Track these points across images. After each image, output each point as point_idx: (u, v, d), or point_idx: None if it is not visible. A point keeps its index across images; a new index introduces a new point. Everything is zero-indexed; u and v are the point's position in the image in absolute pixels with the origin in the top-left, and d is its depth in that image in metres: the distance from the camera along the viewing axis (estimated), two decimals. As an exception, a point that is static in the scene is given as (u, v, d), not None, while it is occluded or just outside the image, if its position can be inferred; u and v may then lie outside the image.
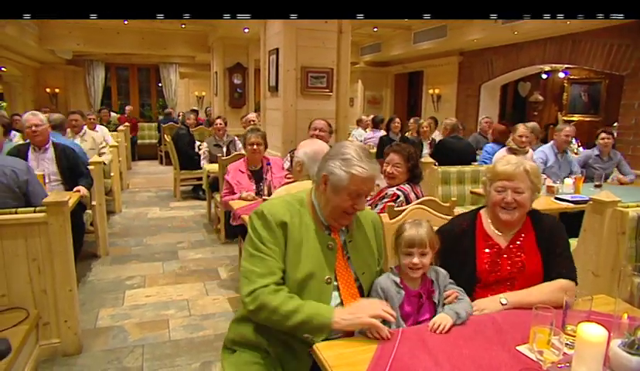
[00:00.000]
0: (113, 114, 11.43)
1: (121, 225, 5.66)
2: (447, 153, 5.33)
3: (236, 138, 6.44)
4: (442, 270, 1.71)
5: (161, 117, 11.45)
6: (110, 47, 9.96)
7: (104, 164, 4.56)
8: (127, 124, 9.74)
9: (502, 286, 1.76)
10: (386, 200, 2.80)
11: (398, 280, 1.65)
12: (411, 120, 7.93)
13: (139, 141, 11.48)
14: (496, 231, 1.85)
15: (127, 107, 11.59)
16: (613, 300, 1.71)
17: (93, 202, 4.30)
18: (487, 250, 1.82)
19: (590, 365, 1.22)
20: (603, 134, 4.92)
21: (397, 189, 2.85)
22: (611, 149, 4.95)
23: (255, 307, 1.49)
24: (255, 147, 3.88)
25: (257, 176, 3.93)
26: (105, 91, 12.35)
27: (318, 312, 1.46)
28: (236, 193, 3.74)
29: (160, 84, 12.93)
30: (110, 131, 7.46)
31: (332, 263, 1.62)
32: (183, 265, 4.35)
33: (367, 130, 8.73)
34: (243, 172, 3.90)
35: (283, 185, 2.92)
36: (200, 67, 12.49)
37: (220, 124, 6.40)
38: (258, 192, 3.74)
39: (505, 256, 1.79)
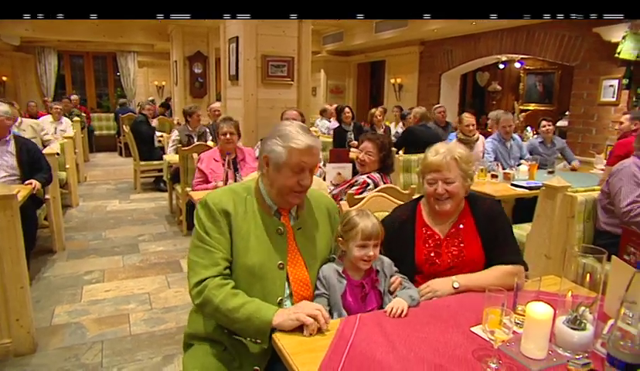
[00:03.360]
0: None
1: (79, 219, 5.48)
2: (414, 141, 5.40)
3: (207, 130, 6.32)
4: (386, 259, 1.70)
5: (118, 107, 11.07)
6: (63, 34, 9.49)
7: (57, 154, 4.37)
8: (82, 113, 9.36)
9: (442, 276, 1.76)
10: (356, 187, 2.83)
11: (340, 269, 1.63)
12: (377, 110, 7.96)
13: (97, 133, 11.08)
14: (434, 221, 1.85)
15: (73, 97, 11.01)
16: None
17: (47, 196, 4.12)
18: (426, 241, 1.81)
19: (537, 342, 1.28)
20: (544, 122, 5.24)
21: (367, 177, 2.89)
22: (553, 136, 5.24)
23: (200, 301, 1.47)
24: (228, 136, 3.82)
25: (232, 165, 3.86)
26: (59, 80, 11.80)
27: (259, 311, 1.42)
28: (210, 182, 3.68)
29: (118, 73, 12.48)
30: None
31: (283, 249, 1.60)
32: (144, 258, 4.26)
33: (332, 119, 8.70)
34: (217, 161, 3.84)
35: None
36: (159, 56, 12.14)
37: (198, 116, 6.26)
38: (235, 181, 3.69)
39: (444, 245, 1.80)
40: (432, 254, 1.79)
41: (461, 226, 1.82)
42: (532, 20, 6.80)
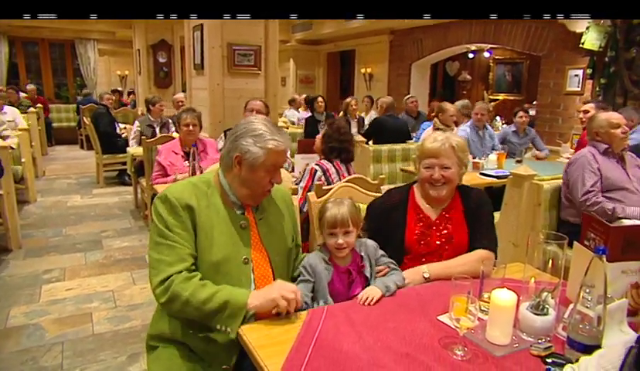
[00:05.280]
0: (22, 93, 10.43)
1: (37, 215, 5.25)
2: (382, 131, 5.42)
3: (170, 121, 6.15)
4: (371, 242, 1.72)
5: (79, 98, 10.63)
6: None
7: (12, 148, 4.16)
8: (39, 105, 8.95)
9: (430, 257, 1.82)
10: (306, 177, 2.86)
11: (327, 257, 1.65)
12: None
13: (56, 125, 10.61)
14: (427, 205, 1.91)
15: (29, 86, 10.42)
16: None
17: (0, 191, 3.93)
18: (417, 223, 1.87)
19: (502, 328, 1.29)
20: (520, 113, 5.29)
21: (315, 164, 2.91)
22: (526, 126, 5.31)
23: (166, 298, 1.41)
24: (191, 128, 3.73)
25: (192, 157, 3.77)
26: (11, 68, 11.18)
27: (232, 297, 1.40)
28: (169, 175, 3.59)
29: (77, 62, 11.99)
30: (21, 112, 6.83)
31: (248, 243, 1.58)
32: (108, 255, 4.12)
33: (300, 110, 8.63)
34: (176, 153, 3.75)
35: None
36: (121, 44, 11.70)
37: (161, 106, 6.08)
38: (193, 174, 3.59)
39: (434, 228, 1.86)
40: (422, 235, 1.85)
41: (451, 211, 1.89)
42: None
